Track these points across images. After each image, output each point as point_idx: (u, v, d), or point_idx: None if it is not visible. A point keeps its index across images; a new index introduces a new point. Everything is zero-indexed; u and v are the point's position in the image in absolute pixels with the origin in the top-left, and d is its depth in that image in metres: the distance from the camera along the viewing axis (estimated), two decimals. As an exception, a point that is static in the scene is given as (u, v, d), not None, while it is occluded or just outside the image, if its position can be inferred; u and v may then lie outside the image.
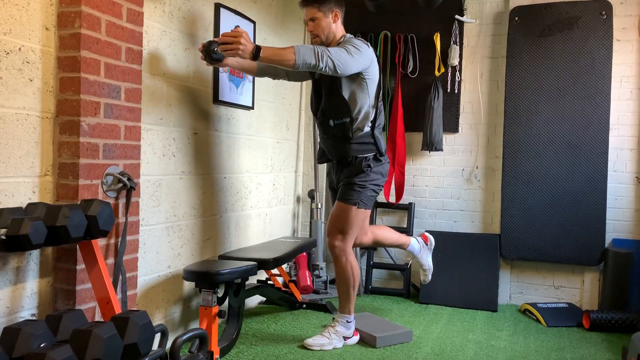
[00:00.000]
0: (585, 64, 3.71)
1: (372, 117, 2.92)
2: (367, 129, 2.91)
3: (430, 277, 3.47)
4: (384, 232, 3.29)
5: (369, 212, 2.99)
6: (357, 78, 2.83)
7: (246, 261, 2.90)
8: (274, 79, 3.18)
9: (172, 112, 2.82)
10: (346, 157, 2.93)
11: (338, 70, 2.67)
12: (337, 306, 3.07)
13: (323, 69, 2.64)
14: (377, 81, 2.92)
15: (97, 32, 2.16)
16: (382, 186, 3.01)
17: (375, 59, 2.90)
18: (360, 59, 2.75)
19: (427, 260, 3.43)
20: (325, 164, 3.24)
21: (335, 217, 2.95)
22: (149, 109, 2.64)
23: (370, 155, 2.91)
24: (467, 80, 4.08)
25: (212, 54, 2.57)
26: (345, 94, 2.85)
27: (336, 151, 2.98)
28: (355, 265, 2.95)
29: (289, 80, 3.19)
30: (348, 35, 2.95)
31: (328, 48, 2.68)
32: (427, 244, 3.44)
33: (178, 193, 2.90)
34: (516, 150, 3.85)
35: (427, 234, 3.50)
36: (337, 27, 2.92)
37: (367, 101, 2.87)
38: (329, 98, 2.91)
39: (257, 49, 2.52)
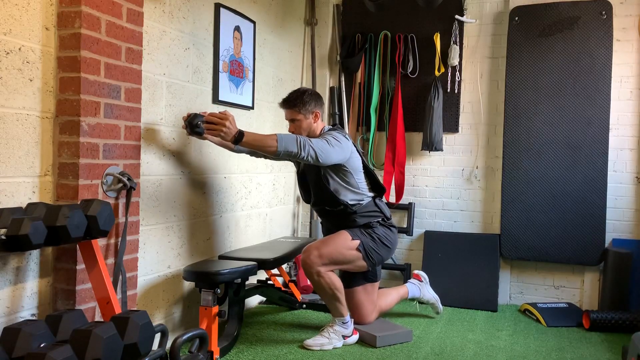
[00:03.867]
0: (585, 64, 3.71)
1: (368, 193, 2.97)
2: (367, 199, 2.96)
3: (440, 306, 3.51)
4: (385, 299, 3.28)
5: (362, 264, 2.94)
6: (340, 169, 2.87)
7: (246, 261, 2.90)
8: (251, 156, 3.20)
9: (172, 112, 2.82)
10: (354, 227, 2.96)
11: (320, 160, 2.70)
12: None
13: (305, 158, 2.67)
14: (361, 169, 2.96)
15: (97, 32, 2.16)
16: (388, 251, 3.01)
17: (355, 149, 2.95)
18: (340, 151, 2.80)
19: (431, 294, 3.48)
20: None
21: (326, 239, 2.96)
22: (149, 109, 2.64)
23: (378, 219, 2.97)
24: (467, 80, 4.08)
25: (194, 127, 2.58)
26: (332, 187, 2.90)
27: (343, 226, 2.99)
28: (329, 276, 2.89)
29: (265, 158, 3.19)
30: (327, 127, 3.00)
31: (310, 138, 2.73)
32: (421, 281, 3.49)
33: (178, 193, 2.90)
34: (516, 150, 3.85)
35: (416, 271, 3.56)
36: (317, 125, 2.97)
37: (357, 187, 2.93)
38: (317, 192, 2.97)
39: (240, 134, 2.56)
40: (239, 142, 2.57)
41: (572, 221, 3.72)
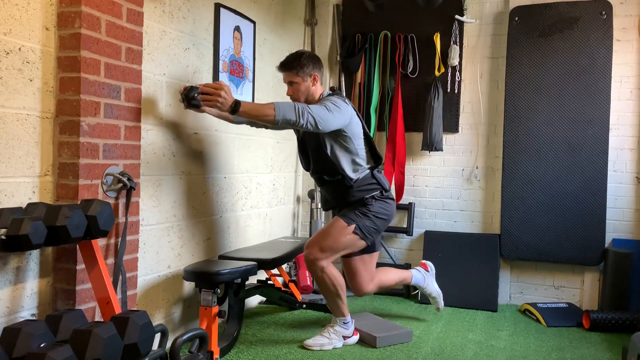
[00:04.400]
0: (585, 64, 3.71)
1: (367, 163, 2.95)
2: (366, 172, 2.93)
3: (442, 302, 3.45)
4: (385, 274, 3.24)
5: (361, 244, 2.92)
6: (339, 135, 2.84)
7: (246, 261, 2.90)
8: (251, 126, 3.18)
9: (172, 112, 2.82)
10: (350, 202, 2.94)
11: (319, 127, 2.67)
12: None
13: (304, 126, 2.64)
14: (361, 134, 2.92)
15: (97, 32, 2.16)
16: (385, 222, 2.98)
17: (355, 114, 2.91)
18: (340, 116, 2.76)
19: (434, 287, 3.43)
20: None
21: (324, 231, 2.94)
22: (149, 109, 2.64)
23: (375, 193, 2.93)
24: (467, 80, 4.08)
25: (191, 100, 2.57)
26: (331, 154, 2.86)
27: (340, 198, 2.98)
28: (333, 274, 2.89)
29: (266, 128, 3.18)
30: (326, 92, 2.96)
31: (308, 105, 2.69)
32: (428, 271, 3.44)
33: (178, 193, 2.90)
34: (516, 150, 3.85)
35: (424, 261, 3.51)
36: (316, 89, 2.93)
37: (356, 154, 2.89)
38: (316, 159, 2.94)
39: (237, 103, 2.54)
40: (235, 112, 2.55)
41: (572, 221, 3.72)
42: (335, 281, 2.89)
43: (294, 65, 2.88)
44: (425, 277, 3.39)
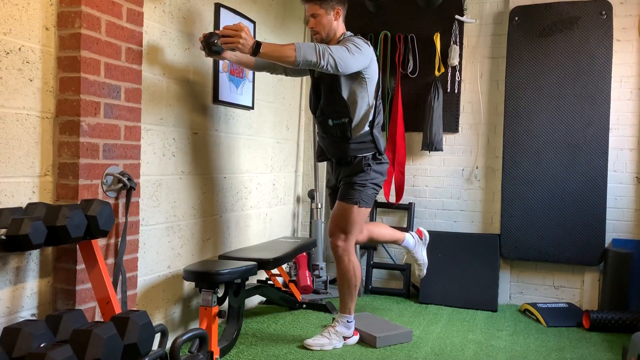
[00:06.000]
0: (585, 64, 3.71)
1: (371, 116, 2.91)
2: (366, 128, 2.91)
3: (425, 271, 3.46)
4: (379, 228, 3.29)
5: (369, 210, 2.99)
6: (357, 77, 2.83)
7: (246, 261, 2.90)
8: (271, 73, 3.19)
9: (172, 112, 2.82)
10: (345, 157, 2.93)
11: (339, 69, 2.67)
12: (337, 306, 3.07)
13: (324, 67, 2.64)
14: (376, 80, 2.92)
15: (97, 32, 2.16)
16: (382, 185, 3.03)
17: (375, 58, 2.90)
18: (361, 58, 2.75)
19: (422, 255, 3.43)
20: (326, 163, 3.22)
21: (337, 216, 2.96)
22: (149, 109, 2.64)
23: (369, 154, 2.92)
24: (467, 80, 4.08)
25: (211, 45, 2.58)
26: (345, 94, 2.85)
27: (335, 150, 2.98)
28: (357, 265, 2.95)
29: (286, 75, 3.19)
30: (348, 33, 2.95)
31: (329, 46, 2.67)
32: (421, 239, 3.44)
33: (178, 193, 2.90)
34: (516, 150, 3.85)
35: (421, 229, 3.50)
36: (338, 25, 2.93)
37: (366, 100, 2.87)
38: (328, 98, 2.91)
39: (257, 44, 2.55)
40: (257, 53, 2.55)
41: (572, 221, 3.72)
42: (357, 272, 2.95)
43: None
44: (416, 244, 3.41)
